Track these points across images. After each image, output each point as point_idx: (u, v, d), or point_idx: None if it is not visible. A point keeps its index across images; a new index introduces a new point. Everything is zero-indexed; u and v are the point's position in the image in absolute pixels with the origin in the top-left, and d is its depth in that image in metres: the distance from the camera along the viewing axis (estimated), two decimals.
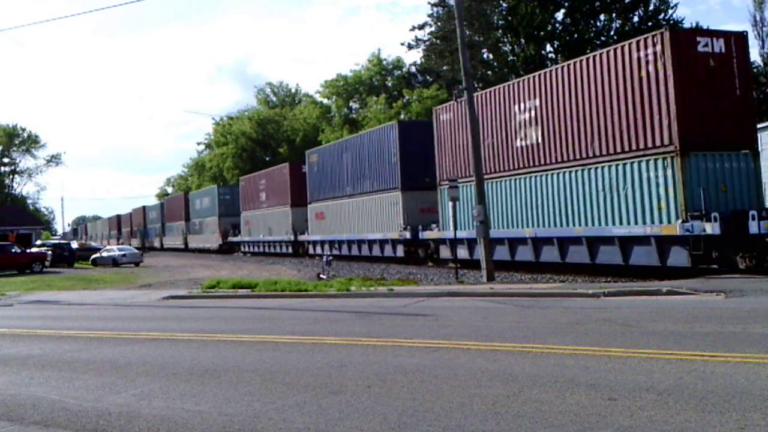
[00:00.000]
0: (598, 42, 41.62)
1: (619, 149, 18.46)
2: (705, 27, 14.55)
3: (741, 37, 17.91)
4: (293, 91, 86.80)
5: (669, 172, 16.99)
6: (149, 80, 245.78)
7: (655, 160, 17.41)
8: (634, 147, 18.04)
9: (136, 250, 49.65)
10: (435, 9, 56.36)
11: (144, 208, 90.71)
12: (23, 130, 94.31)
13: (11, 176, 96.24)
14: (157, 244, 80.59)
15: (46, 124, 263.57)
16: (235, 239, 55.22)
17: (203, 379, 7.44)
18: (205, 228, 63.69)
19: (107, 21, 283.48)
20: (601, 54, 19.28)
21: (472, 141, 20.05)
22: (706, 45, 17.43)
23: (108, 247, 53.14)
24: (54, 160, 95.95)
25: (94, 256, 47.16)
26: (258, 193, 49.94)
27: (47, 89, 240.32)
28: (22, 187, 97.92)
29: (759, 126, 19.65)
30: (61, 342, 11.07)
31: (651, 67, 17.44)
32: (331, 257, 25.88)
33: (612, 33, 42.22)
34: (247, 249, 53.38)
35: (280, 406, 6.12)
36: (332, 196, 37.47)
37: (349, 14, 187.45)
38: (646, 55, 17.53)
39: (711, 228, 15.82)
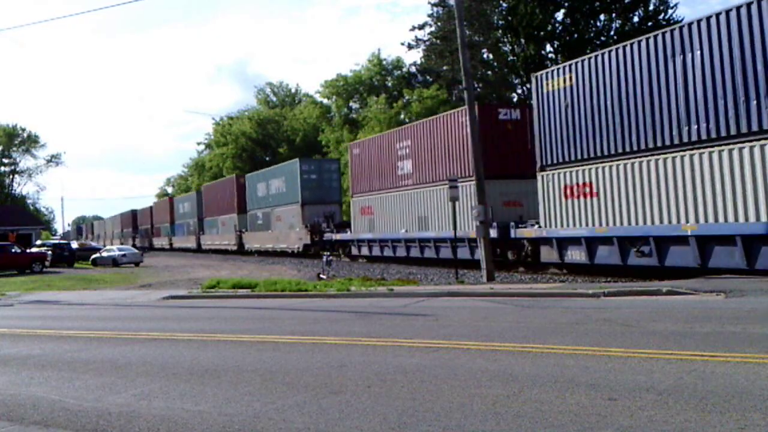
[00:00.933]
0: (597, 42, 41.64)
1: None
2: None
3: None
4: (293, 91, 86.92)
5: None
6: (149, 80, 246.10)
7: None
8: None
9: (136, 250, 49.66)
10: (435, 9, 56.38)
11: (171, 199, 78.43)
12: (23, 130, 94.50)
13: (11, 176, 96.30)
14: (191, 244, 65.72)
15: (46, 124, 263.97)
16: (338, 236, 36.72)
17: (203, 379, 7.44)
18: (275, 221, 46.51)
19: (107, 21, 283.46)
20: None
21: (471, 141, 20.04)
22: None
23: (108, 247, 53.12)
24: (54, 160, 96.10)
25: (94, 256, 47.21)
26: (394, 164, 31.29)
27: (47, 89, 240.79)
28: (22, 187, 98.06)
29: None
30: (61, 342, 11.07)
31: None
32: (331, 257, 25.75)
33: (612, 33, 42.23)
34: (367, 251, 33.54)
35: (280, 406, 6.12)
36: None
37: (349, 14, 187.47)
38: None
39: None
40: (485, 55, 53.06)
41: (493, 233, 21.59)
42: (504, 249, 24.02)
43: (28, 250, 43.11)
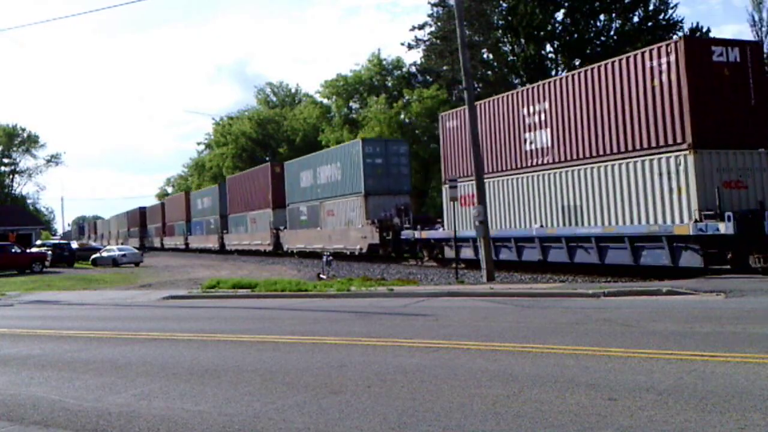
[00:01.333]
0: (597, 42, 41.68)
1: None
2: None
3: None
4: (293, 91, 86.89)
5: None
6: (149, 80, 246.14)
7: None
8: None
9: (136, 250, 49.67)
10: (435, 9, 56.40)
11: (188, 195, 69.59)
12: (23, 130, 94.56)
13: (11, 176, 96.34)
14: (212, 244, 58.16)
15: (46, 124, 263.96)
16: (425, 234, 28.41)
17: (203, 379, 7.44)
18: (326, 217, 38.65)
19: (107, 21, 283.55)
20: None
21: (471, 140, 20.04)
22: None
23: (108, 247, 53.13)
24: (54, 159, 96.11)
25: (94, 256, 47.23)
26: (518, 136, 23.28)
27: (47, 89, 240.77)
28: (22, 187, 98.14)
29: None
30: (61, 342, 11.07)
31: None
32: (330, 257, 25.62)
33: (612, 33, 42.25)
34: (472, 254, 24.45)
35: (280, 406, 6.12)
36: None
37: (349, 14, 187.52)
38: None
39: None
40: (485, 55, 53.06)
41: (720, 227, 16.03)
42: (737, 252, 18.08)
43: (28, 250, 43.10)
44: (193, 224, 66.07)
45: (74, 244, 55.81)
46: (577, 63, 40.06)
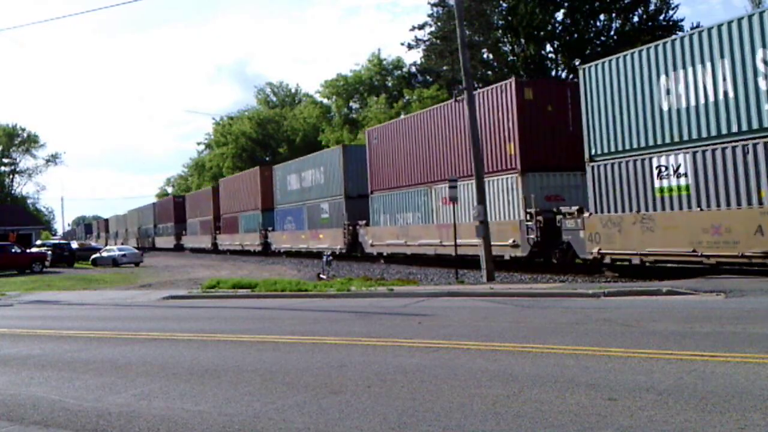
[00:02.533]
0: (598, 42, 41.65)
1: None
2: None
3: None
4: (293, 91, 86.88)
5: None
6: (149, 80, 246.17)
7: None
8: None
9: (136, 250, 49.67)
10: (435, 9, 56.29)
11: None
12: (23, 129, 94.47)
13: (11, 176, 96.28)
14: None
15: (46, 124, 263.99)
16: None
17: (203, 379, 7.44)
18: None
19: (107, 21, 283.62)
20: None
21: (471, 140, 20.03)
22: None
23: (108, 247, 53.15)
24: (54, 159, 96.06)
25: (94, 256, 47.26)
26: None
27: (47, 89, 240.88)
28: (22, 187, 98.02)
29: None
30: (61, 342, 11.07)
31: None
32: (331, 257, 25.50)
33: (612, 33, 42.24)
34: None
35: (280, 406, 6.12)
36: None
37: (349, 14, 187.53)
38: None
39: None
40: (485, 55, 53.00)
41: None
42: None
43: (28, 250, 43.11)
44: (281, 215, 59.32)
45: (74, 244, 55.84)
46: (577, 63, 40.04)
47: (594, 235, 18.89)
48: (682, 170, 16.67)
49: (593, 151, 19.31)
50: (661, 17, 41.31)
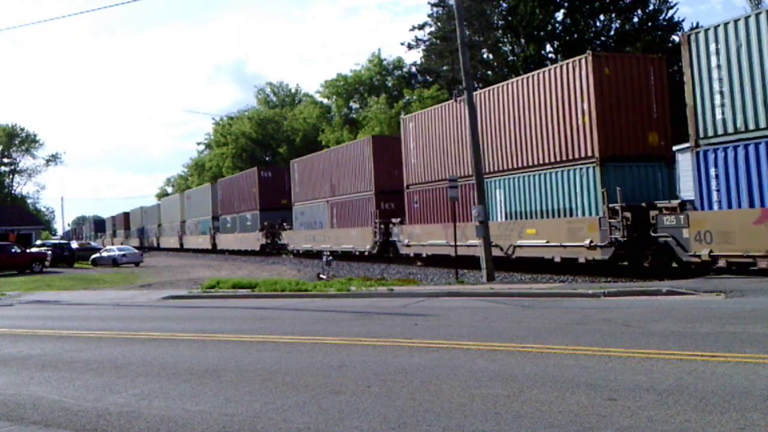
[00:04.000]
0: (598, 42, 41.62)
1: None
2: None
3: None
4: (293, 91, 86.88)
5: None
6: (148, 80, 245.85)
7: None
8: None
9: (136, 250, 49.66)
10: (435, 9, 56.44)
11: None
12: (22, 129, 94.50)
13: (11, 176, 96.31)
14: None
15: (46, 124, 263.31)
16: None
17: (203, 379, 7.44)
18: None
19: (107, 21, 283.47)
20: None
21: (471, 140, 20.04)
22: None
23: (108, 247, 53.16)
24: (53, 159, 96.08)
25: (94, 256, 47.27)
26: None
27: (46, 89, 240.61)
28: (22, 187, 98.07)
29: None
30: (61, 342, 11.07)
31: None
32: (330, 257, 25.54)
33: (612, 33, 42.21)
34: None
35: (280, 406, 6.12)
36: None
37: (350, 14, 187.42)
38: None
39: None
40: (485, 55, 53.06)
41: None
42: None
43: (28, 250, 43.11)
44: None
45: (74, 244, 55.87)
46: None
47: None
48: None
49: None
50: (661, 17, 41.27)
